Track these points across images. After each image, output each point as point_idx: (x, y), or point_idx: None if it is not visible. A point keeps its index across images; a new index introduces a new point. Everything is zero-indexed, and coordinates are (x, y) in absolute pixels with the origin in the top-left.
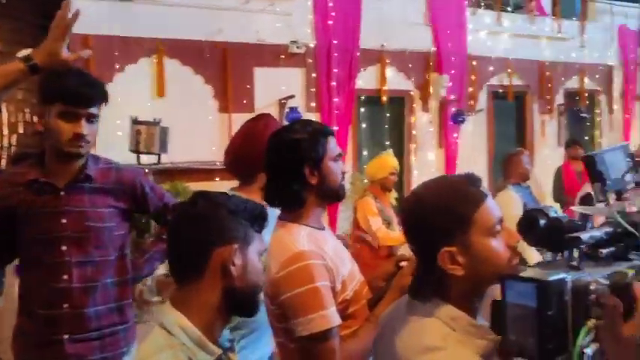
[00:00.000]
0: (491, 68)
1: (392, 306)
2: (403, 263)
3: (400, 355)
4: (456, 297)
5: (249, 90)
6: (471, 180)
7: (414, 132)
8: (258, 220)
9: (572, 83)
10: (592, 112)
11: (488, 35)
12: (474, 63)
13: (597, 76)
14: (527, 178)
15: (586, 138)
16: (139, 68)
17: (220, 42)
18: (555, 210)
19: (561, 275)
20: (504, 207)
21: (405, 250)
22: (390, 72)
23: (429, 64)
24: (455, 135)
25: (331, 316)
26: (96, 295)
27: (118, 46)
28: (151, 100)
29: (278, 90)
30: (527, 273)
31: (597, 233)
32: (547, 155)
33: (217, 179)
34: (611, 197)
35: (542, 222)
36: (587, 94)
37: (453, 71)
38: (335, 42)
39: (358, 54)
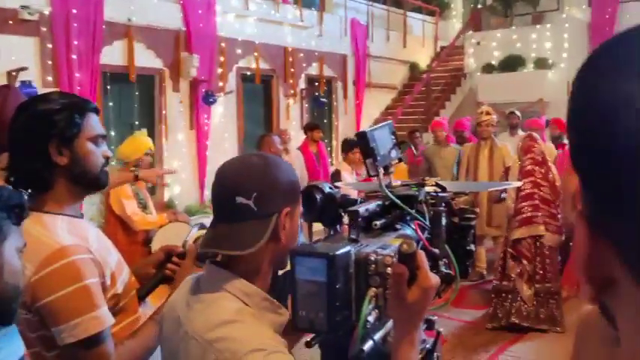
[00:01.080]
0: (239, 51)
1: (173, 296)
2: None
3: (193, 334)
4: (249, 272)
5: None
6: None
7: (164, 112)
8: (16, 211)
9: (313, 70)
10: (330, 98)
11: (236, 18)
12: (223, 45)
13: (334, 64)
14: (279, 156)
15: (325, 121)
16: None
17: None
18: (330, 186)
19: (347, 248)
20: None
21: (165, 235)
22: (138, 48)
23: (180, 43)
24: (205, 116)
25: (103, 317)
26: None
27: None
28: None
29: (8, 60)
30: (315, 248)
31: (371, 206)
32: (292, 137)
33: None
34: (381, 172)
35: (318, 197)
36: (325, 81)
37: (203, 52)
38: (74, 11)
39: (103, 27)
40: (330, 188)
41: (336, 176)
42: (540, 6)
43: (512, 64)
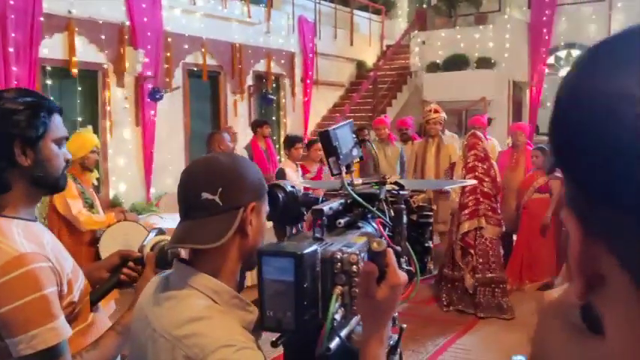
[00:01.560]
0: (186, 46)
1: (140, 296)
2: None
3: (161, 331)
4: (216, 269)
5: None
6: None
7: (108, 108)
8: None
9: (260, 66)
10: (278, 95)
11: (183, 13)
12: (170, 40)
13: (282, 61)
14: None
15: (273, 118)
16: None
17: None
18: (292, 184)
19: (314, 247)
20: None
21: (113, 235)
22: (80, 42)
23: (124, 38)
24: (152, 112)
25: (61, 328)
26: None
27: None
28: None
29: None
30: (281, 247)
31: (334, 205)
32: (240, 133)
33: None
34: (343, 170)
35: (280, 196)
36: (273, 78)
37: (148, 46)
38: (12, 2)
39: (41, 19)
40: (292, 187)
41: (281, 175)
42: (483, 7)
43: (456, 63)
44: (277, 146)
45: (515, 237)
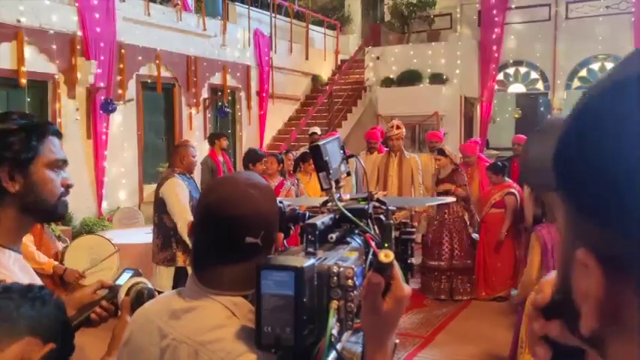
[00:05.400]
0: (140, 58)
1: (143, 311)
2: (101, 291)
3: (183, 338)
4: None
5: None
6: None
7: (59, 120)
8: None
9: (216, 79)
10: (233, 108)
11: (137, 24)
12: (123, 51)
13: (238, 74)
14: (192, 168)
15: (229, 131)
16: None
17: None
18: (280, 200)
19: (311, 261)
20: (171, 195)
21: (78, 251)
22: (29, 52)
23: (76, 48)
24: (104, 125)
25: None
26: None
27: None
28: None
29: None
30: (281, 261)
31: (326, 219)
32: (195, 147)
33: None
34: (333, 185)
35: None
36: (229, 91)
37: (101, 57)
38: None
39: None
40: (280, 202)
41: None
42: (435, 24)
43: (409, 78)
44: (233, 160)
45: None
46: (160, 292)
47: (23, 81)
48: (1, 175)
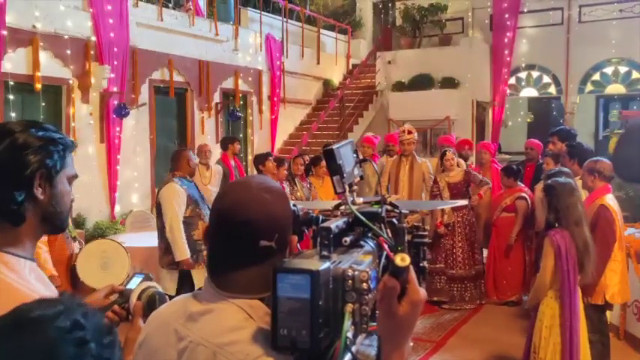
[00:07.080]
0: (153, 62)
1: (157, 315)
2: (112, 296)
3: (200, 340)
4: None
5: None
6: None
7: (73, 124)
8: None
9: (228, 84)
10: (245, 112)
11: (150, 29)
12: (136, 56)
13: (250, 79)
14: (194, 172)
15: (241, 135)
16: None
17: None
18: (293, 203)
19: (327, 264)
20: (168, 199)
21: (90, 255)
22: (44, 57)
23: (90, 53)
24: (117, 129)
25: None
26: None
27: None
28: None
29: None
30: (297, 264)
31: (339, 223)
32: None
33: None
34: (347, 189)
35: None
36: (241, 95)
37: (115, 62)
38: None
39: (5, 32)
40: (294, 205)
41: None
42: (447, 29)
43: (421, 82)
44: (244, 164)
45: (485, 252)
46: (168, 296)
47: (38, 86)
48: (35, 181)
